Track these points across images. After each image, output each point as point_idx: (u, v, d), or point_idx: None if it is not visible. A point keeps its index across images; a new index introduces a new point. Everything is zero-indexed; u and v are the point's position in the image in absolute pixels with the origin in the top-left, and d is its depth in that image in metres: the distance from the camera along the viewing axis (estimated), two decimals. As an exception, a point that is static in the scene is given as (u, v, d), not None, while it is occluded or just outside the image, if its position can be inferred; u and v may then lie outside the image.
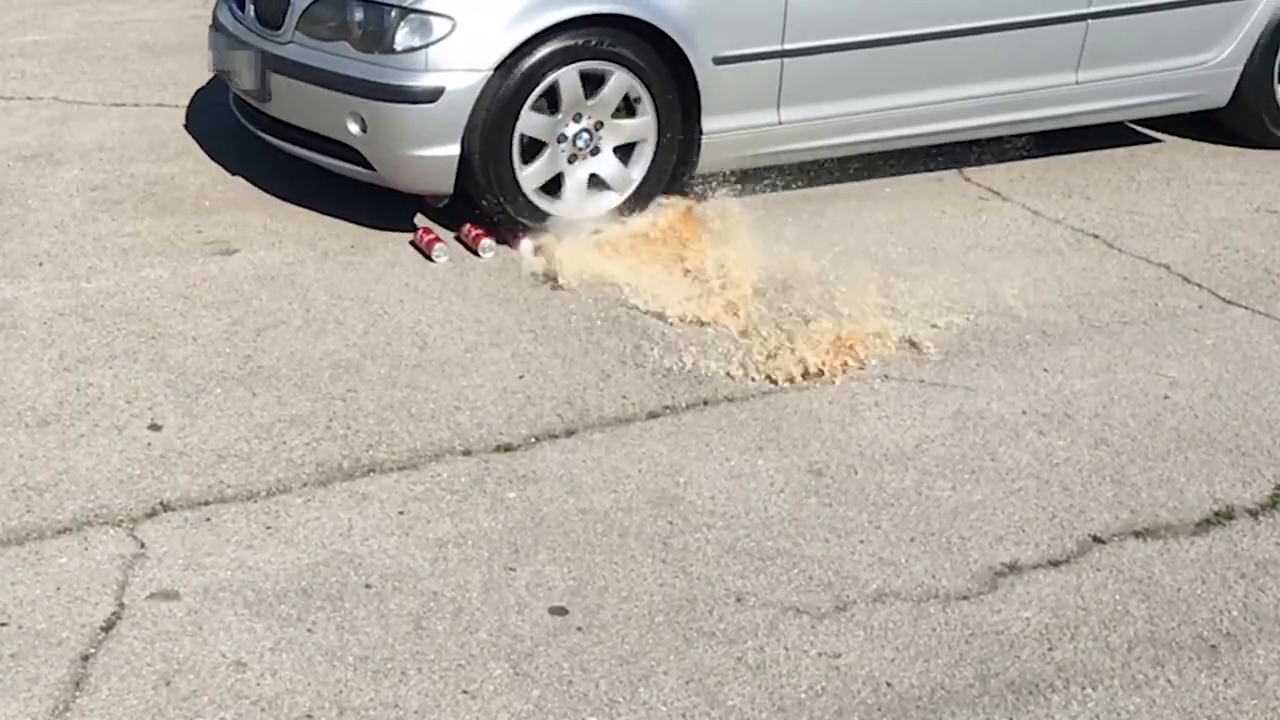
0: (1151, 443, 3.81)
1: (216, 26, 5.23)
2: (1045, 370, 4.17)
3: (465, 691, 2.79)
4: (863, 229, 5.12)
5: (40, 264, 4.63)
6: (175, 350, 4.10)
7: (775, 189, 5.34)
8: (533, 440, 3.69)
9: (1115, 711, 2.83)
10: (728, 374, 4.04)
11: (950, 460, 3.67)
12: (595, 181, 4.88)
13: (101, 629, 2.92)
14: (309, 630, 2.94)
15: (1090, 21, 5.52)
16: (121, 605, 2.99)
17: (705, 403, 3.91)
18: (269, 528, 3.28)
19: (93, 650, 2.85)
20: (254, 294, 4.46)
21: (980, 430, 3.82)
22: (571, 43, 4.63)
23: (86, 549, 3.17)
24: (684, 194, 5.00)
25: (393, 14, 4.57)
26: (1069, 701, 2.85)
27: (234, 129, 5.35)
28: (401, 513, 3.36)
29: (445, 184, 4.72)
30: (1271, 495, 3.59)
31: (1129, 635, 3.04)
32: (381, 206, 4.97)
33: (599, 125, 4.81)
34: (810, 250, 4.67)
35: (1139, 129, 6.25)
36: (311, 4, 4.75)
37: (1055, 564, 3.27)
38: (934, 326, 4.34)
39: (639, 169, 4.91)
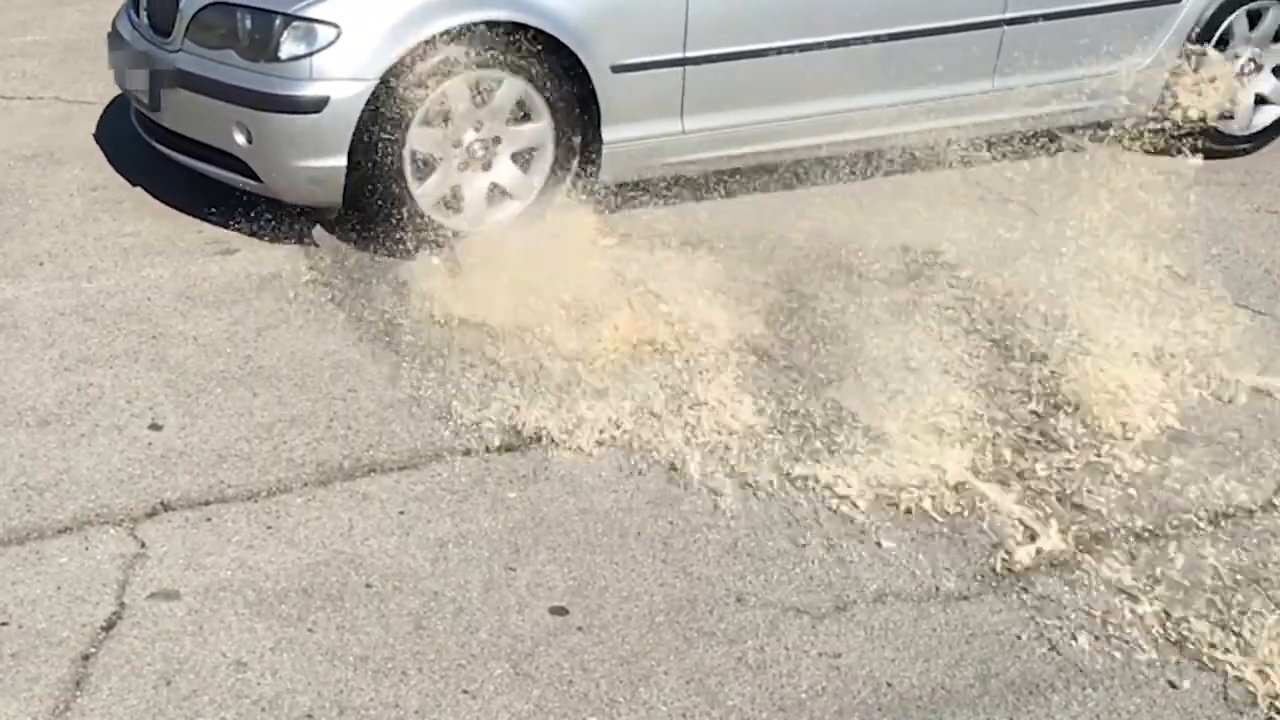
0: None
1: (114, 35, 5.11)
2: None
3: (466, 691, 2.79)
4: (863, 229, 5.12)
5: (41, 264, 4.63)
6: (175, 350, 4.10)
7: (772, 189, 5.34)
8: (534, 438, 3.69)
9: (1115, 711, 2.84)
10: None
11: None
12: (496, 191, 4.75)
13: (102, 628, 2.92)
14: (309, 630, 2.94)
15: (1006, 28, 5.37)
16: (122, 605, 2.99)
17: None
18: (269, 528, 3.28)
19: (93, 650, 2.86)
20: (254, 294, 4.46)
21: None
22: (465, 50, 4.49)
23: (87, 549, 3.17)
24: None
25: (278, 21, 4.43)
26: (1069, 701, 2.85)
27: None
28: (402, 513, 3.36)
29: (333, 197, 4.58)
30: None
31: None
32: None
33: (496, 138, 4.67)
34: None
35: (1068, 137, 6.09)
36: (200, 11, 4.62)
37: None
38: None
39: (539, 175, 4.77)
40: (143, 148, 5.54)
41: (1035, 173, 5.35)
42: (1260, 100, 6.04)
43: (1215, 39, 5.78)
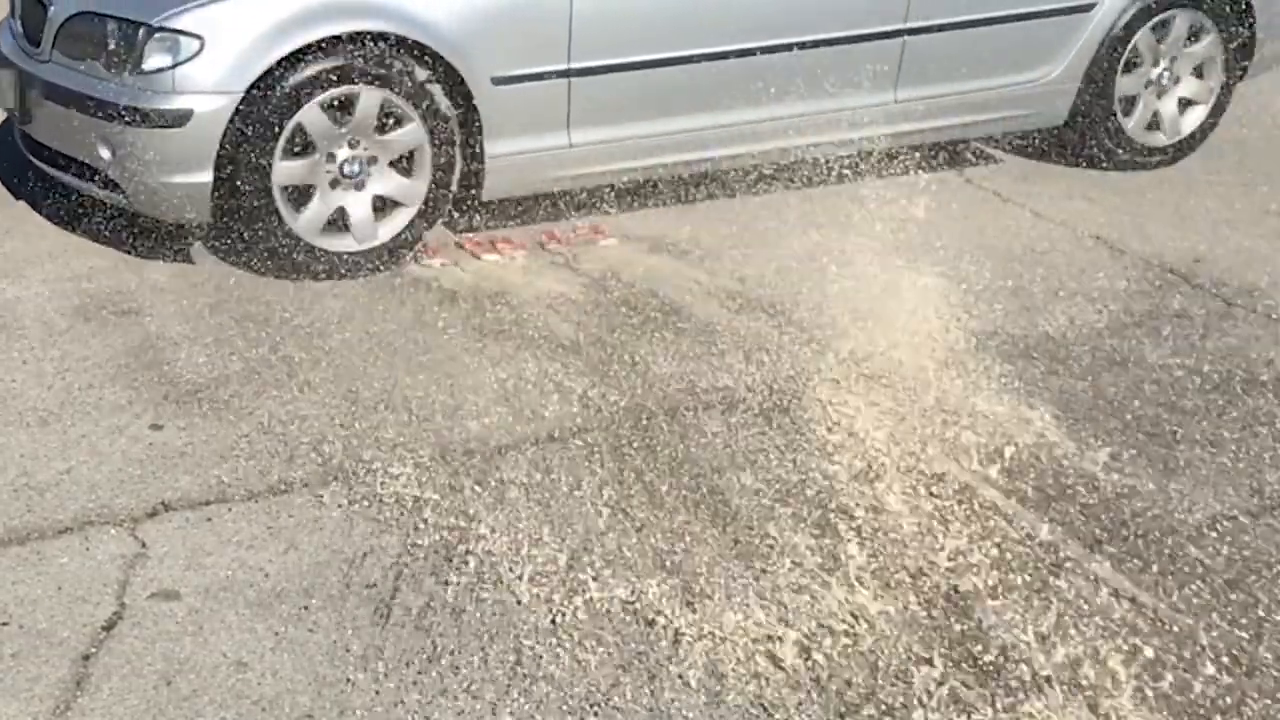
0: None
1: None
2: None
3: (466, 691, 2.79)
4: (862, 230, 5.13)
5: (41, 264, 4.63)
6: (176, 350, 4.10)
7: (769, 190, 5.34)
8: (534, 439, 3.69)
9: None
10: None
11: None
12: (384, 202, 4.60)
13: (102, 628, 2.92)
14: (309, 630, 2.94)
15: (907, 38, 5.22)
16: (122, 605, 2.99)
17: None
18: (270, 528, 3.28)
19: (94, 650, 2.86)
20: (254, 294, 4.47)
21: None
22: (336, 63, 4.34)
23: (88, 549, 3.17)
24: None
25: (142, 32, 4.29)
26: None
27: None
28: (403, 513, 3.36)
29: (200, 213, 4.42)
30: None
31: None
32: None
33: (365, 148, 4.51)
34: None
35: (983, 148, 6.07)
36: (67, 21, 4.50)
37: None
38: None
39: (389, 229, 4.59)
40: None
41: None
42: (1186, 103, 5.89)
43: (1129, 48, 5.63)
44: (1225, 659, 2.95)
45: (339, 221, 4.55)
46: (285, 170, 4.42)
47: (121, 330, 4.21)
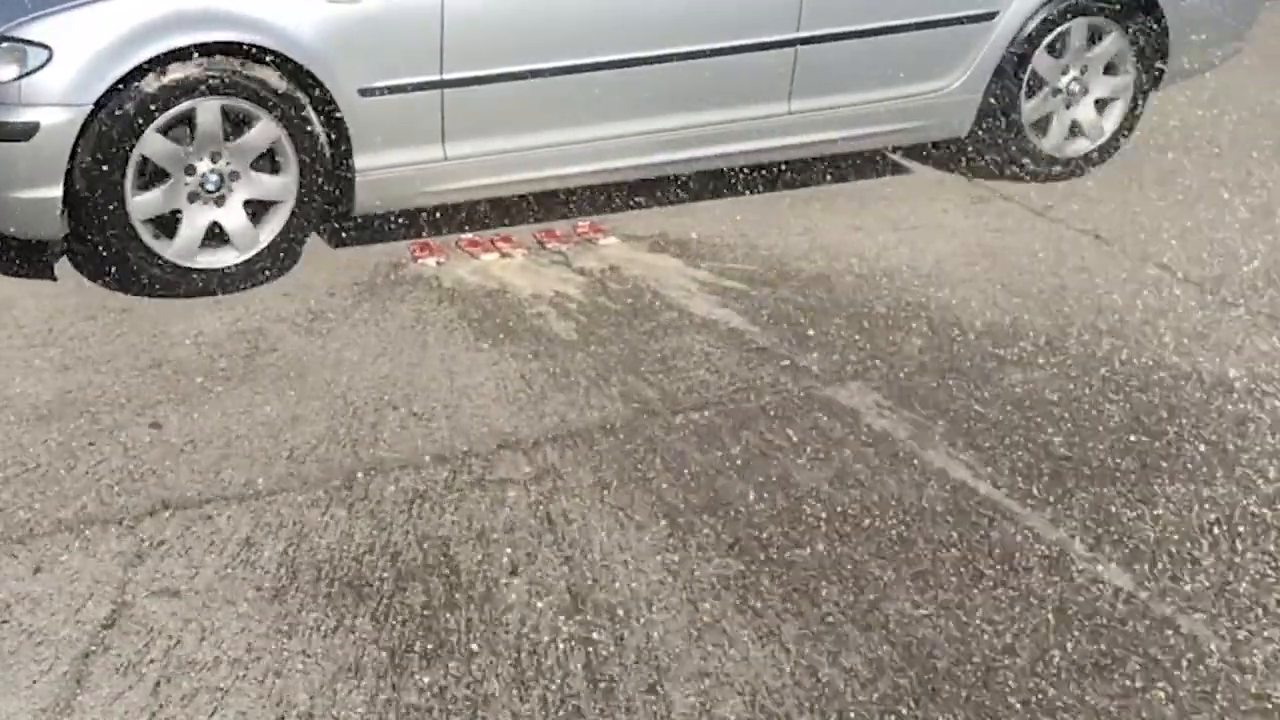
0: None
1: None
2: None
3: (467, 691, 2.79)
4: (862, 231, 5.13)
5: (42, 264, 4.63)
6: (175, 350, 4.10)
7: (772, 189, 5.34)
8: (534, 439, 3.69)
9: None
10: None
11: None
12: (217, 233, 4.43)
13: (102, 627, 2.91)
14: (310, 630, 2.94)
15: (800, 48, 5.03)
16: (122, 604, 2.99)
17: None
18: (269, 527, 3.28)
19: (94, 648, 2.85)
20: (254, 293, 4.47)
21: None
22: (194, 74, 4.20)
23: (88, 547, 3.17)
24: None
25: None
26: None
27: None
28: (403, 512, 3.36)
29: (52, 229, 4.27)
30: None
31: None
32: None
33: (231, 170, 4.38)
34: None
35: (895, 159, 5.98)
36: None
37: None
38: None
39: (269, 231, 4.46)
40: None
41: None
42: (1076, 129, 5.72)
43: (1037, 55, 5.46)
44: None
45: (219, 235, 4.43)
46: (142, 204, 4.29)
47: (121, 329, 4.21)
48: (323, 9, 4.35)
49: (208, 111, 4.27)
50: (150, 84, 4.18)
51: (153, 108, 4.19)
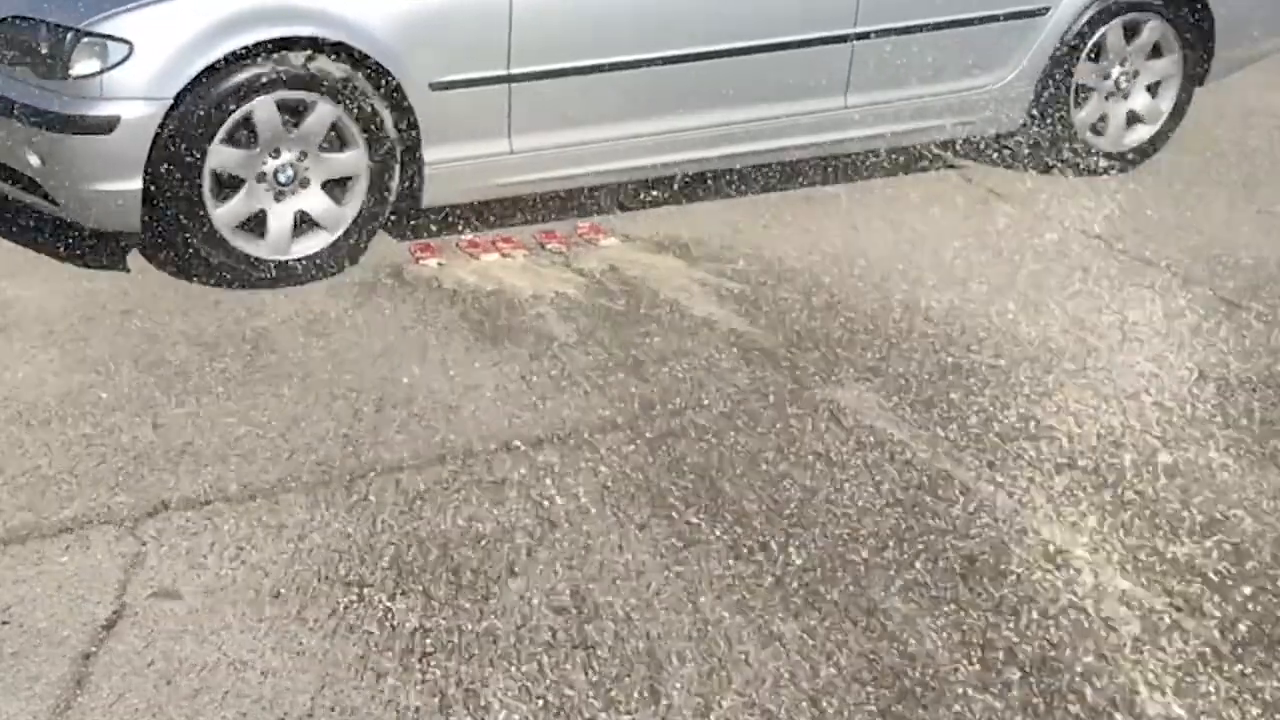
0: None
1: None
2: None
3: (466, 691, 2.79)
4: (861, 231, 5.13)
5: (42, 263, 4.63)
6: (175, 350, 4.10)
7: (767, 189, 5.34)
8: (534, 439, 3.69)
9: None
10: None
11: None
12: (305, 219, 4.51)
13: (103, 628, 2.91)
14: (310, 630, 2.94)
15: (855, 43, 5.13)
16: (123, 604, 2.99)
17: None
18: (269, 528, 3.28)
19: (94, 649, 2.85)
20: (254, 294, 4.47)
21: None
22: (270, 68, 4.28)
23: (88, 548, 3.17)
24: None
25: (69, 37, 4.19)
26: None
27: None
28: (403, 512, 3.36)
29: (130, 221, 4.34)
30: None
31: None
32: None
33: (304, 160, 4.44)
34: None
35: (943, 155, 6.01)
36: None
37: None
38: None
39: (352, 206, 4.53)
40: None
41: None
42: (1133, 118, 5.83)
43: (1087, 52, 5.59)
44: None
45: (256, 225, 4.46)
46: (226, 214, 4.37)
47: (121, 330, 4.21)
48: (396, 4, 4.44)
49: (264, 108, 4.33)
50: (220, 83, 4.25)
51: (222, 108, 4.26)
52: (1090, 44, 5.58)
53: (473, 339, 4.22)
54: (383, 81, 4.45)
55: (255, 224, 4.46)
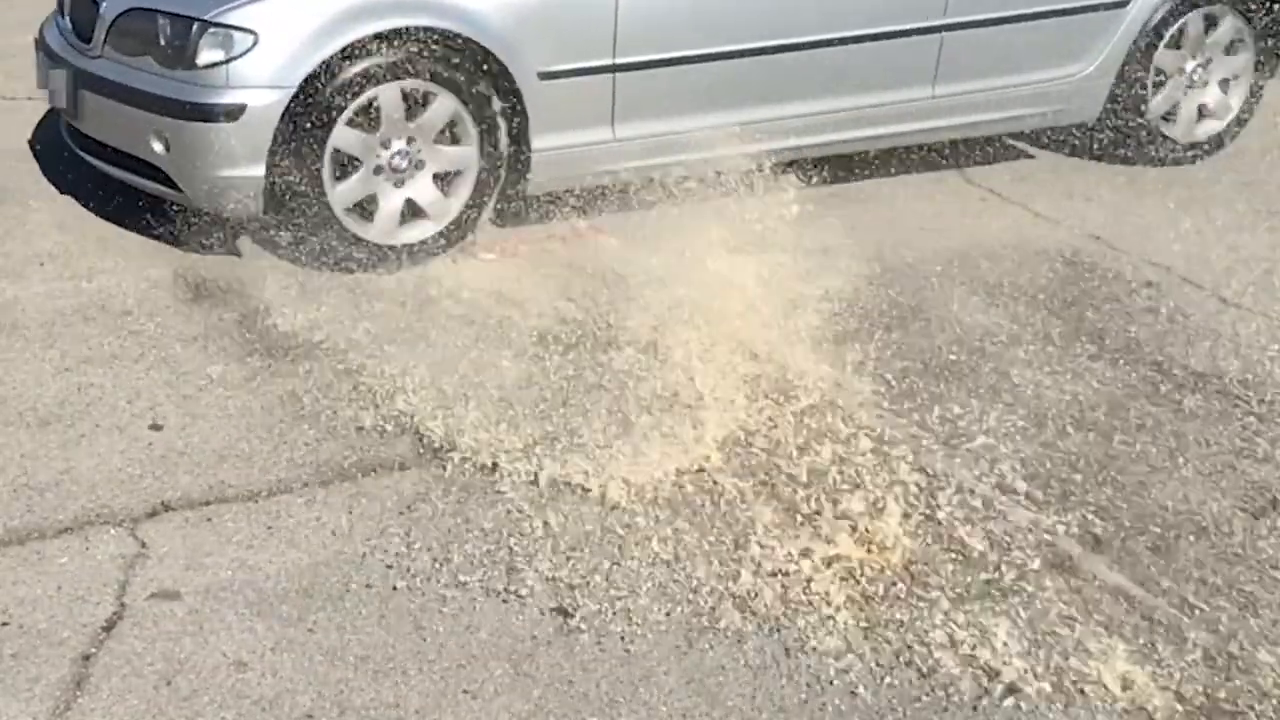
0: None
1: (40, 41, 5.08)
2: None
3: (466, 691, 2.79)
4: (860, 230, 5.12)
5: (41, 264, 4.63)
6: (176, 350, 4.10)
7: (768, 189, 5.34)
8: (533, 440, 3.69)
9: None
10: None
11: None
12: (412, 208, 4.67)
13: (102, 629, 2.92)
14: (309, 630, 2.94)
15: (945, 34, 5.29)
16: (122, 605, 2.99)
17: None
18: (270, 528, 3.28)
19: (94, 650, 2.86)
20: (254, 294, 4.47)
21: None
22: (387, 59, 4.44)
23: (87, 549, 3.17)
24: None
25: (195, 28, 4.38)
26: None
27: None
28: (402, 513, 3.36)
29: (253, 206, 4.50)
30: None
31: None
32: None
33: (418, 149, 4.60)
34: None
35: (1015, 144, 6.10)
36: (119, 17, 4.58)
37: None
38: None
39: (459, 199, 4.70)
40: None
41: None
42: (1204, 111, 5.94)
43: (1165, 43, 5.70)
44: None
45: (366, 208, 4.61)
46: (342, 194, 4.53)
47: (121, 329, 4.21)
48: None
49: (389, 95, 4.48)
50: (341, 71, 4.39)
51: (342, 96, 4.41)
52: (1171, 31, 5.72)
53: (473, 339, 4.20)
54: (495, 71, 4.59)
55: (366, 207, 4.61)
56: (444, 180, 4.69)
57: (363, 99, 4.45)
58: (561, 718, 2.75)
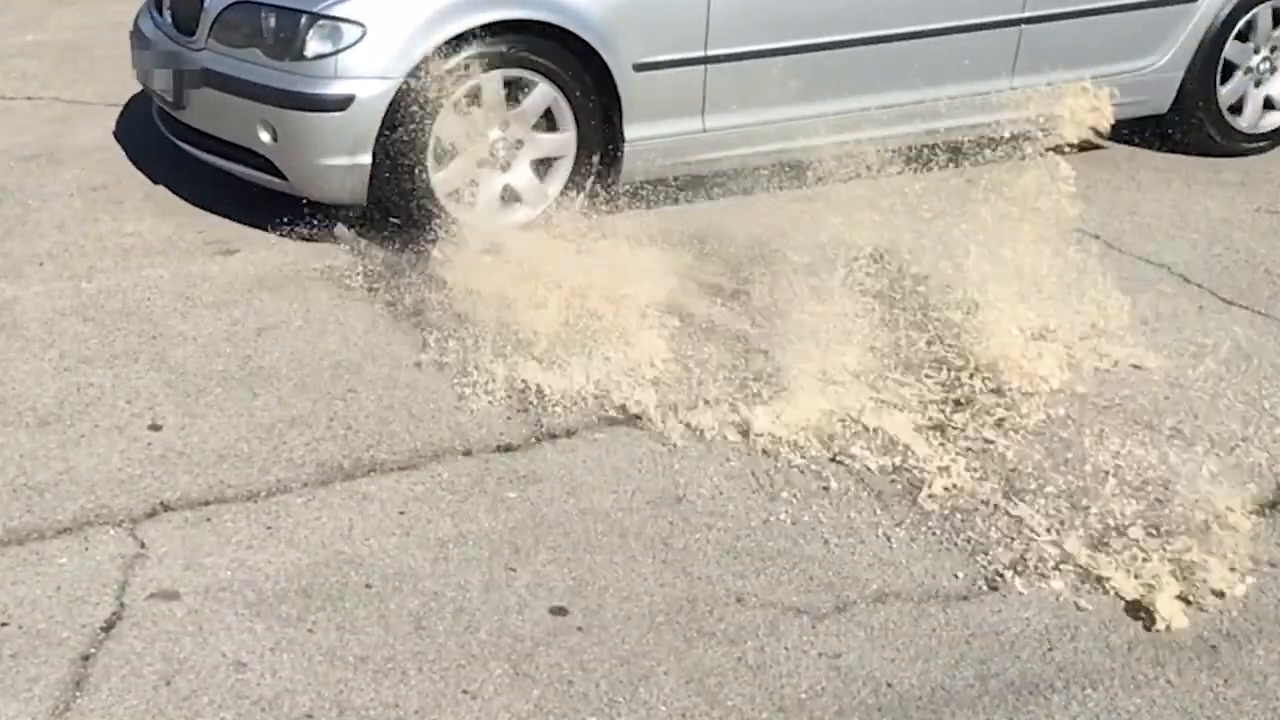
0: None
1: (136, 34, 5.19)
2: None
3: (465, 691, 2.79)
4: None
5: (41, 264, 4.63)
6: (175, 350, 4.10)
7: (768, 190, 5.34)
8: (533, 440, 3.69)
9: (1115, 711, 2.84)
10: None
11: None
12: (510, 193, 4.80)
13: (102, 629, 2.92)
14: (309, 630, 2.94)
15: (1024, 27, 5.46)
16: (122, 605, 2.99)
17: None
18: (269, 528, 3.28)
19: (93, 650, 2.86)
20: (254, 294, 4.47)
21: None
22: (488, 50, 4.58)
23: (87, 549, 3.17)
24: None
25: (303, 20, 4.52)
26: (1069, 702, 2.85)
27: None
28: (402, 513, 3.36)
29: (358, 194, 4.66)
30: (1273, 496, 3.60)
31: (1129, 636, 3.05)
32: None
33: (517, 136, 4.75)
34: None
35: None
36: (224, 10, 4.69)
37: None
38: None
39: (555, 184, 4.85)
40: (143, 147, 5.56)
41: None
42: (1269, 104, 6.09)
43: (1234, 34, 5.84)
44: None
45: (465, 193, 4.72)
46: (444, 179, 4.65)
47: (121, 329, 4.21)
48: None
49: (491, 85, 4.63)
50: (445, 62, 4.52)
51: (446, 86, 4.53)
52: (1241, 23, 5.85)
53: (473, 338, 4.20)
54: (592, 63, 4.72)
55: (466, 192, 4.73)
56: (541, 166, 4.82)
57: (466, 88, 4.57)
58: (561, 718, 2.75)
